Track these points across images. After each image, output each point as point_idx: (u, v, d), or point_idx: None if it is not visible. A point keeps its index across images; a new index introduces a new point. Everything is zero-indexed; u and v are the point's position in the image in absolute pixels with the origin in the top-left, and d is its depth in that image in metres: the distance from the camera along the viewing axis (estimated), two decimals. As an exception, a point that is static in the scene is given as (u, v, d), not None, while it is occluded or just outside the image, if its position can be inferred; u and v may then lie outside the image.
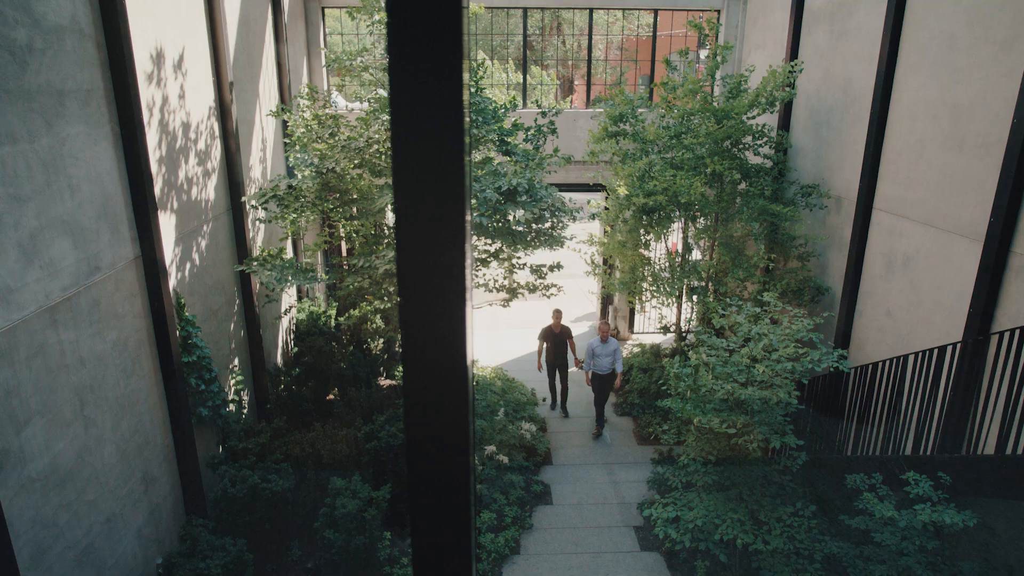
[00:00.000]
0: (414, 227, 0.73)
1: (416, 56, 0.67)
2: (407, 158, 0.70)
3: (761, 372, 6.13)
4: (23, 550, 4.60)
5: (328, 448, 7.92)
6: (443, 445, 0.83)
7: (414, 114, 0.69)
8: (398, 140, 0.70)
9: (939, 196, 6.96)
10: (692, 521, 6.07)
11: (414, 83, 0.68)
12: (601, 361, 10.15)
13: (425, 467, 0.84)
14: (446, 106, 0.69)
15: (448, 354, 0.77)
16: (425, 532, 0.88)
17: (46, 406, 4.91)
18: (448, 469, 0.84)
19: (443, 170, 0.71)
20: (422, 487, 0.85)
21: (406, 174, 0.70)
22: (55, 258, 5.01)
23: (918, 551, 5.24)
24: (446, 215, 0.72)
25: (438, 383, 0.79)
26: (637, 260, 10.64)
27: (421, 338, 0.77)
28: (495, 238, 8.81)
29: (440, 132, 0.70)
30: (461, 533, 0.87)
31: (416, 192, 0.71)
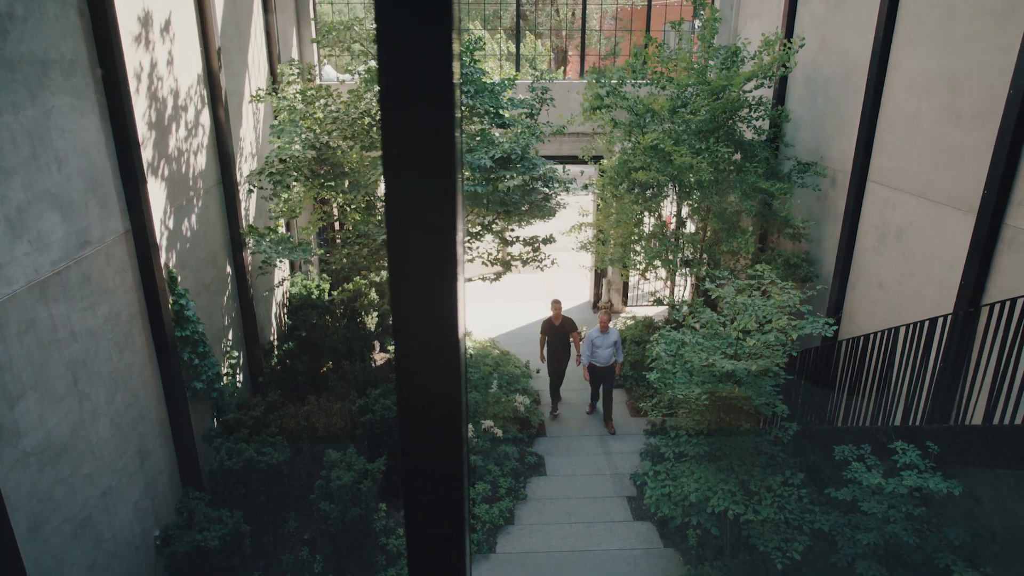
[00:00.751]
0: (404, 200, 0.71)
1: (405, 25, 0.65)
2: (397, 130, 0.69)
3: (752, 345, 6.17)
4: (20, 523, 4.63)
5: (323, 421, 7.96)
6: (435, 418, 0.82)
7: (403, 85, 0.67)
8: (388, 111, 0.68)
9: (933, 168, 6.95)
10: (685, 496, 6.14)
11: (403, 53, 0.66)
12: (601, 353, 9.63)
13: (417, 440, 0.84)
14: (436, 77, 0.67)
15: (440, 327, 0.77)
16: (418, 504, 0.88)
17: (39, 381, 4.90)
18: (440, 442, 0.84)
19: (434, 142, 0.69)
20: (414, 460, 0.85)
21: (396, 146, 0.69)
22: (44, 232, 4.96)
23: (904, 518, 5.34)
24: (437, 187, 0.71)
25: (430, 356, 0.79)
26: (629, 234, 10.61)
27: (412, 311, 0.76)
28: (489, 208, 8.77)
29: (430, 103, 0.68)
30: (454, 504, 0.87)
31: (406, 164, 0.70)
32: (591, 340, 9.63)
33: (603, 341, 9.59)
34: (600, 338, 9.60)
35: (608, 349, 9.57)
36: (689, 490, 6.12)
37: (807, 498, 6.09)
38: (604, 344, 9.57)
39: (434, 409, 0.82)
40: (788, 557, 5.72)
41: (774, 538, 5.84)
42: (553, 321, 10.14)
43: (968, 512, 6.21)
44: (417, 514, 0.88)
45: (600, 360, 9.66)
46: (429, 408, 0.82)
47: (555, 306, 10.14)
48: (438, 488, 0.86)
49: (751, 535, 5.99)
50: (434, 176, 0.70)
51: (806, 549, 5.81)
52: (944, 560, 5.18)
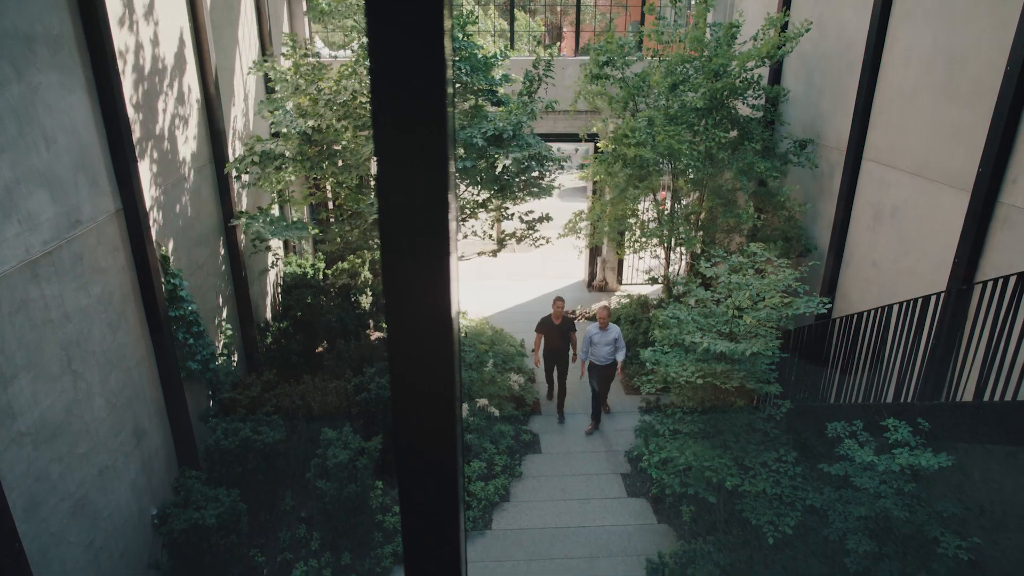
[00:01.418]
0: (396, 177, 0.70)
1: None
2: (387, 106, 0.67)
3: (747, 323, 6.19)
4: (17, 502, 4.64)
5: (318, 400, 7.98)
6: (429, 397, 0.82)
7: (394, 60, 0.66)
8: (378, 87, 0.67)
9: (929, 146, 6.93)
10: (681, 465, 6.20)
11: (393, 27, 0.65)
12: (599, 351, 8.98)
13: (411, 419, 0.84)
14: (427, 51, 0.66)
15: (432, 305, 0.76)
16: (412, 482, 0.88)
17: (32, 361, 4.89)
18: (434, 421, 0.84)
19: (425, 118, 0.68)
20: (408, 439, 0.85)
21: (387, 123, 0.68)
22: (33, 211, 4.91)
23: (895, 494, 5.40)
24: (429, 164, 0.70)
25: (423, 335, 0.78)
26: (624, 212, 10.58)
27: (405, 290, 0.75)
28: (482, 186, 8.72)
29: (422, 79, 0.67)
30: (448, 482, 0.87)
31: (397, 141, 0.69)
32: (589, 337, 9.03)
33: (602, 338, 8.97)
34: (599, 335, 8.97)
35: (607, 347, 8.96)
36: (687, 459, 6.18)
37: (800, 475, 6.15)
38: (603, 341, 8.96)
39: (428, 388, 0.81)
40: (780, 532, 5.80)
41: (767, 512, 5.92)
42: (553, 319, 9.40)
43: (957, 486, 6.30)
44: (412, 492, 0.88)
45: (598, 358, 9.06)
46: (422, 387, 0.81)
47: (557, 304, 9.36)
48: (432, 466, 0.86)
49: (744, 509, 6.06)
50: (426, 152, 0.69)
51: (798, 524, 5.89)
52: (933, 532, 5.26)
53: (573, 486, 8.40)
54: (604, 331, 8.92)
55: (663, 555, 6.73)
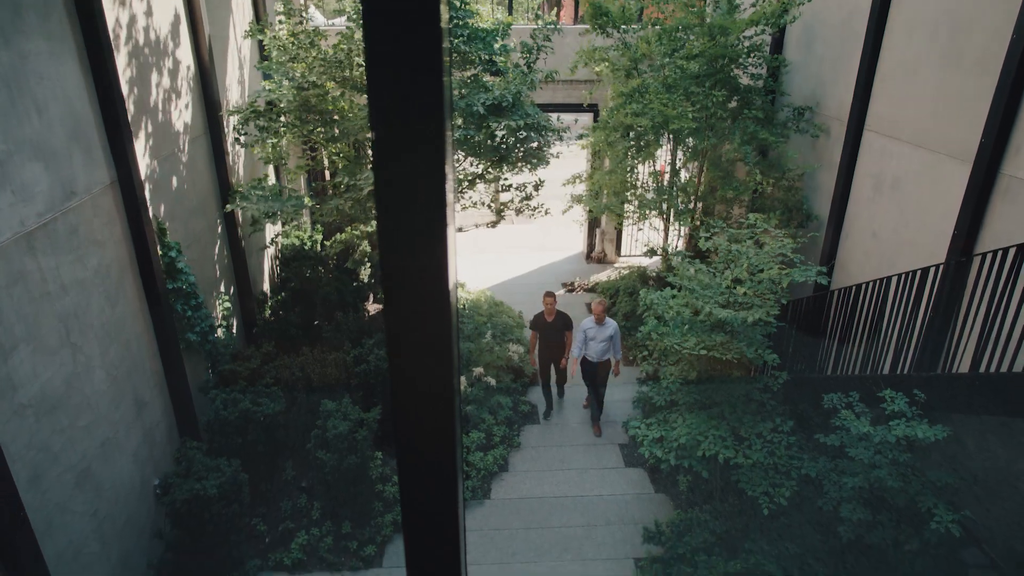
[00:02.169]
0: (392, 146, 0.69)
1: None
2: (383, 73, 0.66)
3: (743, 294, 6.19)
4: (20, 473, 4.68)
5: (318, 372, 8.01)
6: (426, 369, 0.82)
7: (389, 25, 0.64)
8: (373, 56, 0.65)
9: (932, 116, 6.86)
10: (676, 440, 6.25)
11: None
12: (595, 347, 8.45)
13: (409, 390, 0.83)
14: (423, 18, 0.64)
15: (430, 277, 0.75)
16: (411, 453, 0.88)
17: (31, 334, 4.89)
18: (432, 392, 0.83)
19: (421, 85, 0.66)
20: (406, 410, 0.85)
21: (383, 90, 0.66)
22: (27, 183, 4.86)
23: (890, 464, 5.46)
24: (425, 132, 0.68)
25: (420, 307, 0.77)
26: (623, 182, 10.52)
27: (402, 261, 0.74)
28: (481, 156, 8.65)
29: (417, 45, 0.65)
30: (446, 452, 0.87)
31: (393, 109, 0.67)
32: (584, 331, 8.46)
33: (597, 333, 8.44)
34: (594, 329, 8.43)
35: (603, 343, 8.43)
36: (681, 434, 6.22)
37: (796, 445, 6.21)
38: (599, 336, 8.42)
39: (425, 360, 0.81)
40: (775, 502, 5.87)
41: (762, 483, 5.98)
42: (545, 317, 8.80)
43: (952, 456, 6.36)
44: (410, 463, 0.88)
45: (593, 354, 8.51)
46: (420, 359, 0.81)
47: (547, 300, 8.70)
48: (431, 437, 0.86)
49: (740, 480, 6.13)
50: (422, 121, 0.68)
51: (793, 494, 5.96)
52: (927, 503, 5.33)
53: (571, 456, 8.48)
54: (601, 326, 8.41)
55: (660, 523, 6.82)
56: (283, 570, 6.74)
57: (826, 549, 6.09)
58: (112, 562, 5.90)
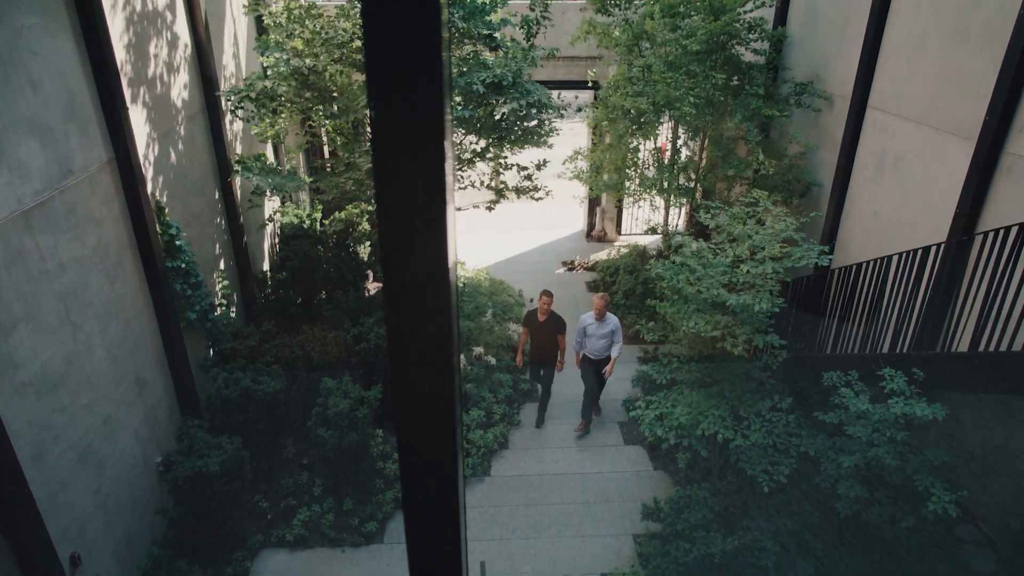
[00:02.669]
0: (391, 125, 0.68)
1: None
2: (381, 51, 0.64)
3: (745, 273, 6.18)
4: (23, 450, 4.71)
5: (318, 350, 8.03)
6: (426, 347, 0.81)
7: (387, 2, 0.63)
8: (371, 32, 0.64)
9: (936, 93, 6.79)
10: (676, 419, 6.28)
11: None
12: (595, 343, 8.05)
13: (409, 369, 0.83)
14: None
15: (430, 256, 0.75)
16: (411, 431, 0.88)
17: (30, 312, 4.88)
18: (432, 370, 0.83)
19: (420, 63, 0.65)
20: (407, 388, 0.84)
21: (381, 67, 0.65)
22: (24, 160, 4.83)
23: (887, 442, 5.49)
24: (424, 111, 0.67)
25: (420, 286, 0.77)
26: (624, 160, 10.46)
27: (401, 240, 0.74)
28: (481, 134, 8.58)
29: (416, 20, 0.63)
30: (446, 430, 0.87)
31: (392, 88, 0.66)
32: (584, 328, 8.08)
33: (597, 330, 7.99)
34: (594, 326, 8.00)
35: (603, 340, 8.01)
36: (681, 413, 6.25)
37: (794, 423, 6.24)
38: (599, 333, 7.99)
39: (425, 339, 0.80)
40: (774, 480, 5.91)
41: (761, 461, 6.02)
42: (538, 316, 8.25)
43: (950, 435, 6.40)
44: (410, 440, 0.88)
45: (593, 351, 8.12)
46: (420, 338, 0.80)
47: (543, 299, 8.18)
48: (430, 416, 0.86)
49: (739, 459, 6.17)
50: (421, 100, 0.67)
51: (791, 471, 6.00)
52: (923, 481, 5.37)
53: (571, 433, 8.53)
54: (601, 322, 7.97)
55: (658, 500, 6.89)
56: (285, 546, 6.82)
57: (823, 525, 6.15)
58: (116, 538, 5.97)
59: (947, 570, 5.66)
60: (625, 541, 6.90)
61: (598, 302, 7.92)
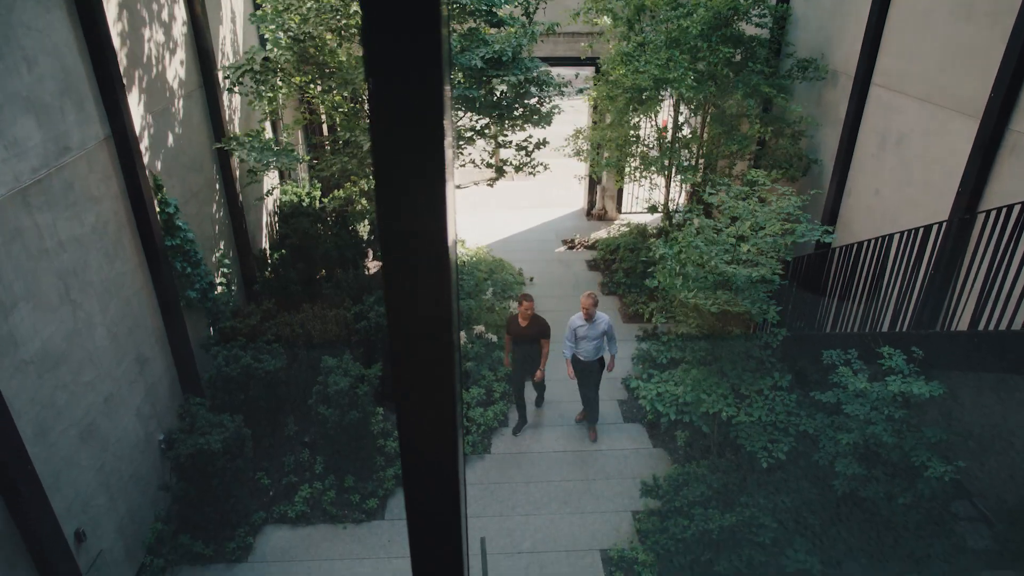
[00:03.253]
0: (389, 102, 0.67)
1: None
2: (379, 26, 0.63)
3: (746, 251, 6.16)
4: (26, 428, 4.73)
5: (318, 329, 8.04)
6: (426, 326, 0.81)
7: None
8: (369, 6, 0.62)
9: (941, 70, 6.72)
10: (679, 397, 6.30)
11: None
12: (585, 345, 7.54)
13: (409, 348, 0.83)
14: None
15: (429, 233, 0.74)
16: (411, 409, 0.87)
17: (30, 291, 4.88)
18: (432, 349, 0.83)
19: (418, 37, 0.63)
20: (406, 367, 0.84)
21: (379, 42, 0.63)
22: (20, 137, 4.79)
23: (885, 420, 5.52)
24: (423, 87, 0.66)
25: (419, 264, 0.76)
26: (625, 138, 10.38)
27: (400, 218, 0.73)
28: (481, 112, 8.51)
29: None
30: (446, 408, 0.87)
31: (390, 63, 0.65)
32: (573, 329, 7.56)
33: (588, 331, 7.49)
34: (584, 327, 7.47)
35: (594, 341, 7.52)
36: (685, 391, 6.27)
37: (794, 402, 6.27)
38: (590, 335, 7.49)
39: (425, 317, 0.80)
40: (773, 457, 5.95)
41: (761, 438, 6.06)
42: (519, 321, 7.71)
43: (948, 413, 6.43)
44: (410, 418, 0.88)
45: (584, 354, 7.62)
46: (419, 316, 0.80)
47: (524, 304, 7.58)
48: (431, 393, 0.86)
49: (739, 436, 6.20)
50: (420, 75, 0.65)
51: (790, 449, 6.04)
52: (920, 458, 5.41)
53: (571, 411, 8.57)
54: (591, 323, 7.44)
55: (657, 478, 6.94)
56: (287, 522, 6.89)
57: (821, 502, 6.21)
58: (120, 514, 6.02)
59: (943, 546, 5.73)
60: (624, 518, 6.97)
61: (585, 301, 7.36)
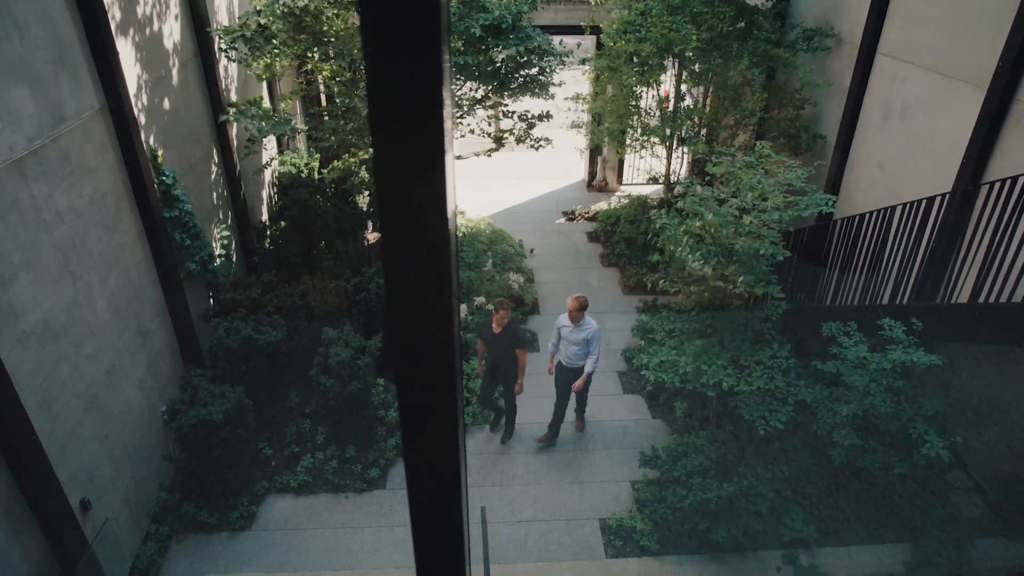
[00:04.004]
0: (386, 69, 0.65)
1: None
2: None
3: (749, 223, 6.13)
4: (29, 399, 4.76)
5: (318, 300, 8.04)
6: (425, 297, 0.80)
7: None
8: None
9: (948, 39, 6.61)
10: (682, 367, 6.31)
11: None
12: (567, 349, 7.06)
13: (407, 319, 0.82)
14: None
15: (428, 204, 0.73)
16: (410, 379, 0.87)
17: (29, 262, 4.87)
18: (431, 321, 0.82)
19: (416, 5, 0.61)
20: (405, 338, 0.83)
21: (374, 9, 0.61)
22: (14, 107, 4.73)
23: (884, 391, 5.55)
24: (421, 55, 0.64)
25: (418, 235, 0.75)
26: (626, 108, 10.27)
27: (399, 189, 0.72)
28: (480, 81, 8.40)
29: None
30: (446, 379, 0.86)
31: (387, 30, 0.62)
32: (558, 329, 7.13)
33: (572, 334, 6.98)
34: (569, 328, 6.99)
35: (576, 346, 6.97)
36: (687, 363, 6.28)
37: (793, 371, 6.30)
38: (574, 339, 6.97)
39: (424, 289, 0.79)
40: (771, 426, 6.00)
41: (760, 408, 6.09)
42: (493, 327, 7.04)
43: (946, 384, 6.46)
44: (410, 389, 0.88)
45: (566, 358, 7.12)
46: (419, 288, 0.79)
47: (499, 310, 6.94)
48: (430, 365, 0.85)
49: (738, 406, 6.24)
50: (418, 43, 0.63)
51: (788, 419, 6.09)
52: (918, 429, 5.45)
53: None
54: (576, 326, 6.93)
55: (656, 448, 7.00)
56: (290, 492, 6.97)
57: (818, 472, 6.27)
58: (125, 484, 6.09)
59: (938, 515, 5.80)
60: (623, 487, 7.05)
61: (571, 303, 6.86)
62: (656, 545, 6.30)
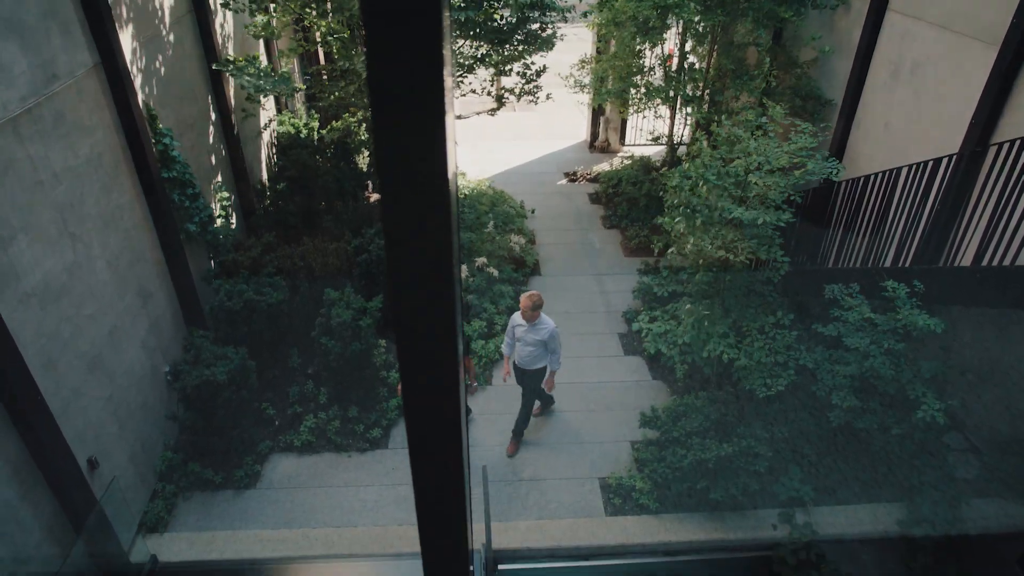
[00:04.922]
0: (384, 27, 0.62)
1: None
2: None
3: (755, 184, 6.07)
4: (33, 359, 4.78)
5: (319, 261, 8.03)
6: (425, 259, 0.79)
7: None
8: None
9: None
10: (680, 337, 6.31)
11: None
12: (522, 351, 6.61)
13: (409, 281, 0.80)
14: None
15: (428, 165, 0.71)
16: (412, 340, 0.86)
17: (28, 224, 4.84)
18: (432, 282, 0.81)
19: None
20: (406, 300, 0.82)
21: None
22: (5, 63, 4.64)
23: (884, 353, 5.57)
24: (420, 11, 0.61)
25: (419, 196, 0.74)
26: (629, 67, 10.08)
27: (398, 149, 0.70)
28: (481, 38, 8.24)
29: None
30: (446, 339, 0.86)
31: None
32: (512, 327, 6.70)
33: (526, 334, 6.53)
34: (523, 328, 6.54)
35: (532, 348, 6.55)
36: (685, 331, 6.28)
37: (794, 338, 6.31)
38: (527, 339, 6.54)
39: (424, 250, 0.78)
40: (772, 391, 6.04)
41: (760, 376, 6.12)
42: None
43: (947, 346, 6.48)
44: (411, 351, 0.87)
45: (521, 359, 6.69)
46: (419, 249, 0.78)
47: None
48: (431, 326, 0.84)
49: (739, 377, 6.27)
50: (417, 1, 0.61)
51: (788, 383, 6.12)
52: (916, 392, 5.48)
53: (572, 344, 8.64)
54: (531, 325, 6.50)
55: (656, 409, 7.06)
56: (293, 451, 7.06)
57: (817, 433, 6.33)
58: (131, 443, 6.17)
59: (934, 475, 5.87)
60: (623, 447, 7.13)
61: (524, 301, 6.41)
62: (655, 504, 6.40)
